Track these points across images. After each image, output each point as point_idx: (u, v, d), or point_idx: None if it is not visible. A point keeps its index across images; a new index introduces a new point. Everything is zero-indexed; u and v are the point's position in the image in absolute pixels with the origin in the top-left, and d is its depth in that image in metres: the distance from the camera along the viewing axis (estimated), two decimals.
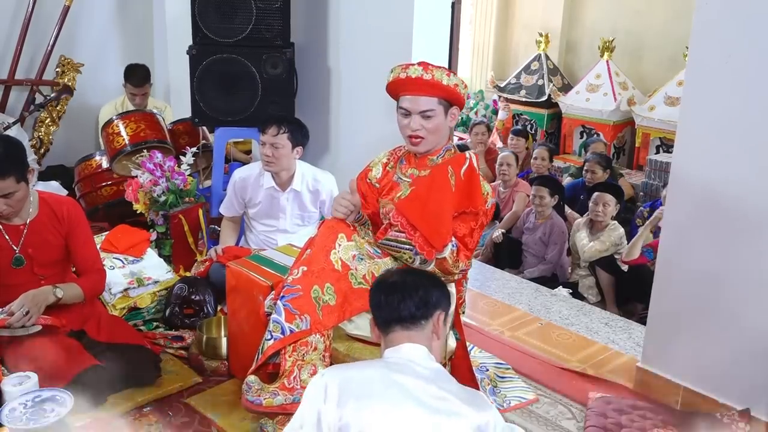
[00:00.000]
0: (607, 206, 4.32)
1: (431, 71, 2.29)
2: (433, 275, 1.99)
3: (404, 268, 1.92)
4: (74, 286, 2.68)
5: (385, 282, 1.88)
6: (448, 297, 1.89)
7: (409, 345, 1.76)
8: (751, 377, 2.49)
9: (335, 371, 1.73)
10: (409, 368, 1.70)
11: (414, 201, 2.20)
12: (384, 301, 1.81)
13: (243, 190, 3.45)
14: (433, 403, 1.61)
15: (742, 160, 2.41)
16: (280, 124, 3.24)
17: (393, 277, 1.90)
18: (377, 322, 1.84)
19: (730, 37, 2.38)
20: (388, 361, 1.76)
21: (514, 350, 3.14)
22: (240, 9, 3.81)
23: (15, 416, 2.26)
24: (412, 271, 1.93)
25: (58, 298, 2.58)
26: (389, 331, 1.80)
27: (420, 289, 1.80)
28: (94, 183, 4.29)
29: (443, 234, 2.18)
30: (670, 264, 2.69)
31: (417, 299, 1.79)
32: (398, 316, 1.78)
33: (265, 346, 2.23)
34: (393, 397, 1.61)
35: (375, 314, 1.85)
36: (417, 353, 1.75)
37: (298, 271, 2.26)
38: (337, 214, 2.36)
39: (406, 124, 2.35)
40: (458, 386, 1.73)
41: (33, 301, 2.50)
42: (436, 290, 1.84)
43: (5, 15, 4.96)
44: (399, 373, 1.67)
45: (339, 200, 2.38)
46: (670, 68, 6.75)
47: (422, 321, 1.79)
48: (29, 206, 2.62)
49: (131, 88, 4.77)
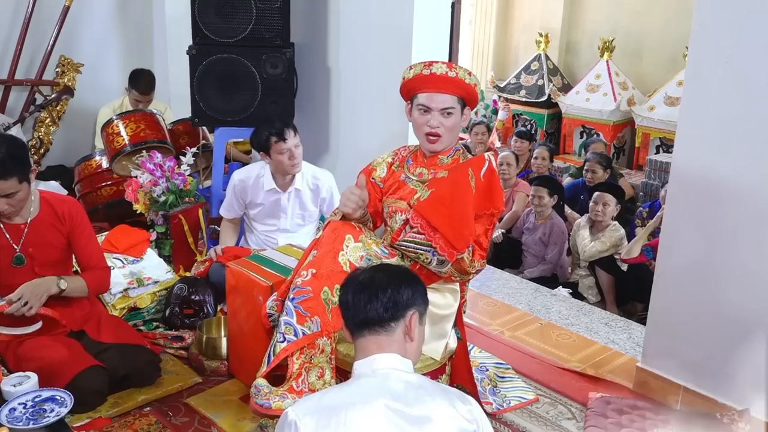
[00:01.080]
0: (607, 206, 4.32)
1: (455, 69, 2.32)
2: (408, 272, 1.83)
3: (376, 266, 1.80)
4: (79, 279, 2.68)
5: (354, 280, 1.72)
6: (423, 294, 1.73)
7: (380, 356, 1.63)
8: (751, 377, 2.49)
9: (305, 406, 1.57)
10: (385, 388, 1.57)
11: (435, 203, 2.20)
12: (351, 302, 1.68)
13: (243, 192, 3.45)
14: (413, 430, 1.51)
15: (741, 160, 2.41)
16: (292, 128, 3.27)
17: (362, 275, 1.73)
18: (346, 323, 1.72)
19: (730, 37, 2.38)
20: (361, 383, 1.61)
21: (514, 350, 3.14)
22: (240, 9, 3.81)
23: (15, 416, 2.27)
24: (383, 268, 1.77)
25: (61, 289, 2.56)
26: (359, 336, 1.68)
27: (389, 289, 1.66)
28: (94, 183, 4.29)
29: (466, 236, 2.18)
30: (670, 263, 2.69)
31: (385, 300, 1.65)
32: (365, 318, 1.65)
33: (278, 349, 2.22)
34: (371, 427, 1.50)
35: (344, 315, 1.72)
36: (389, 364, 1.63)
37: (307, 273, 2.26)
38: (346, 209, 2.34)
39: (424, 122, 2.35)
40: (438, 391, 1.62)
41: (33, 292, 2.47)
42: (407, 288, 1.69)
43: (5, 15, 4.96)
44: (375, 397, 1.54)
45: (348, 195, 2.35)
46: (670, 68, 6.75)
47: (391, 323, 1.65)
48: (30, 205, 2.61)
49: (136, 95, 4.74)
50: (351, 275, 1.78)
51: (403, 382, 1.60)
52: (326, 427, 1.50)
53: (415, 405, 1.54)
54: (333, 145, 4.46)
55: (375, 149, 2.57)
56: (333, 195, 3.47)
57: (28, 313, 2.45)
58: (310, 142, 3.79)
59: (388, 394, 1.55)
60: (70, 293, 2.61)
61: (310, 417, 1.52)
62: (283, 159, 3.26)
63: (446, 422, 1.54)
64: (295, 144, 3.26)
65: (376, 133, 4.03)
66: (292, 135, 3.25)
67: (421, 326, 1.74)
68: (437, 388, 1.65)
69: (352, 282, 1.72)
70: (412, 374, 1.65)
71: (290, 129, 3.25)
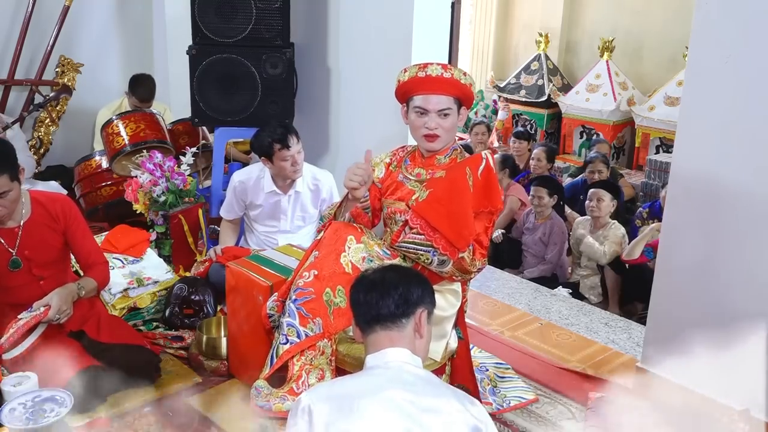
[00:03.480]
0: (601, 201, 4.34)
1: (450, 70, 2.32)
2: (416, 272, 1.89)
3: (386, 266, 1.85)
4: (90, 280, 2.72)
5: (365, 279, 1.79)
6: (431, 294, 1.80)
7: (392, 350, 1.69)
8: (751, 377, 2.49)
9: (318, 392, 1.64)
10: (397, 378, 1.63)
11: (433, 203, 2.20)
12: (363, 300, 1.73)
13: (243, 193, 3.44)
14: (424, 419, 1.54)
15: (741, 160, 2.41)
16: (295, 134, 3.24)
17: (373, 274, 1.80)
18: (357, 322, 1.77)
19: (730, 37, 2.37)
20: (374, 373, 1.67)
21: (514, 350, 3.14)
22: (240, 9, 3.81)
23: (15, 416, 2.26)
24: (393, 267, 1.83)
25: (80, 296, 2.64)
26: (370, 332, 1.73)
27: (400, 287, 1.72)
28: (94, 183, 4.29)
29: (466, 235, 2.18)
30: (670, 264, 2.69)
31: (397, 297, 1.71)
32: (377, 314, 1.70)
33: (281, 351, 2.22)
34: (383, 415, 1.54)
35: (355, 313, 1.78)
36: (400, 358, 1.68)
37: (309, 275, 2.26)
38: (351, 183, 2.29)
39: (422, 124, 2.35)
40: (448, 390, 1.68)
41: (64, 298, 2.54)
42: (417, 287, 1.75)
43: (5, 15, 4.96)
44: (386, 387, 1.59)
45: (353, 169, 2.30)
46: (670, 68, 6.74)
47: (403, 320, 1.71)
48: (22, 207, 2.61)
49: (136, 101, 4.71)
50: (361, 275, 1.83)
51: (414, 375, 1.66)
52: (339, 412, 1.54)
53: (425, 396, 1.59)
54: (333, 145, 4.46)
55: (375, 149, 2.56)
56: (333, 195, 3.46)
57: (63, 317, 2.53)
58: (309, 142, 3.79)
59: (400, 385, 1.60)
60: (86, 297, 2.67)
61: (324, 403, 1.57)
62: (285, 165, 3.25)
63: (456, 415, 1.57)
64: (298, 150, 3.25)
65: (375, 133, 4.03)
66: (295, 142, 3.23)
67: (429, 325, 1.79)
68: (445, 385, 1.71)
69: (362, 281, 1.78)
70: (422, 370, 1.70)
71: (293, 135, 3.22)
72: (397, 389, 1.59)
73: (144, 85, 4.74)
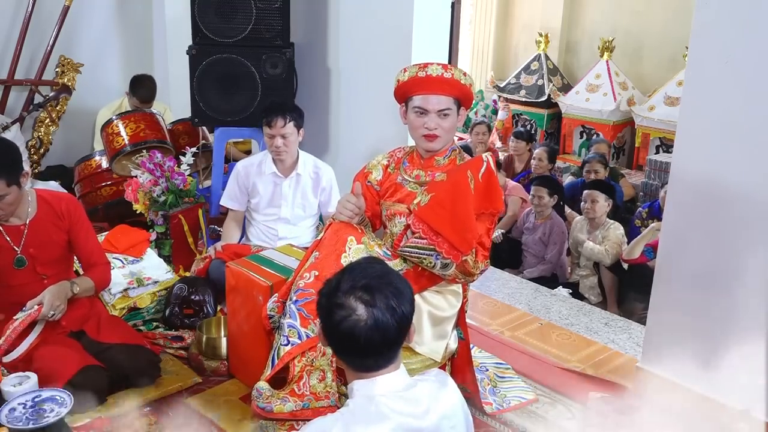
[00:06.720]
0: (596, 202, 4.36)
1: (451, 70, 2.33)
2: (397, 286, 1.54)
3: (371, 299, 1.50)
4: (86, 279, 2.71)
5: (357, 323, 1.48)
6: (412, 302, 1.56)
7: (381, 379, 1.52)
8: (751, 377, 2.49)
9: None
10: (385, 413, 1.48)
11: (435, 207, 2.19)
12: (362, 345, 1.48)
13: (246, 178, 3.47)
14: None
15: (741, 160, 2.41)
16: (284, 115, 3.28)
17: (364, 314, 1.48)
18: (348, 361, 1.55)
19: (730, 37, 2.37)
20: (361, 410, 1.49)
21: (514, 350, 3.14)
22: (240, 9, 3.81)
23: (15, 416, 2.26)
24: (384, 303, 1.49)
25: (74, 293, 2.62)
26: (362, 367, 1.53)
27: (399, 337, 1.52)
28: (94, 183, 4.29)
29: (469, 239, 2.18)
30: (670, 264, 2.69)
31: (396, 347, 1.52)
32: (378, 357, 1.51)
33: (282, 352, 2.22)
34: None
35: (342, 357, 1.56)
36: (390, 387, 1.52)
37: (310, 275, 2.26)
38: (341, 217, 2.34)
39: (421, 124, 2.35)
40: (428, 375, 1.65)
41: (56, 295, 2.53)
42: (409, 305, 1.53)
43: (5, 15, 4.96)
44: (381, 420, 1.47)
45: (344, 203, 2.35)
46: (670, 68, 6.74)
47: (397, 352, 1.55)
48: (27, 206, 2.61)
49: (137, 102, 4.71)
50: (348, 326, 1.49)
51: (400, 397, 1.53)
52: None
53: (419, 399, 1.55)
54: (333, 145, 4.46)
55: (375, 149, 2.57)
56: (333, 187, 3.50)
57: (58, 314, 2.52)
58: (310, 142, 3.79)
59: (396, 415, 1.49)
60: (79, 295, 2.65)
61: None
62: (268, 141, 3.34)
63: (452, 386, 1.65)
64: (282, 134, 3.29)
65: (375, 133, 4.03)
66: (280, 125, 3.27)
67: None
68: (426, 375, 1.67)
69: (356, 323, 1.48)
70: (406, 378, 1.58)
71: (279, 117, 3.26)
72: (396, 417, 1.48)
73: (145, 86, 4.75)
